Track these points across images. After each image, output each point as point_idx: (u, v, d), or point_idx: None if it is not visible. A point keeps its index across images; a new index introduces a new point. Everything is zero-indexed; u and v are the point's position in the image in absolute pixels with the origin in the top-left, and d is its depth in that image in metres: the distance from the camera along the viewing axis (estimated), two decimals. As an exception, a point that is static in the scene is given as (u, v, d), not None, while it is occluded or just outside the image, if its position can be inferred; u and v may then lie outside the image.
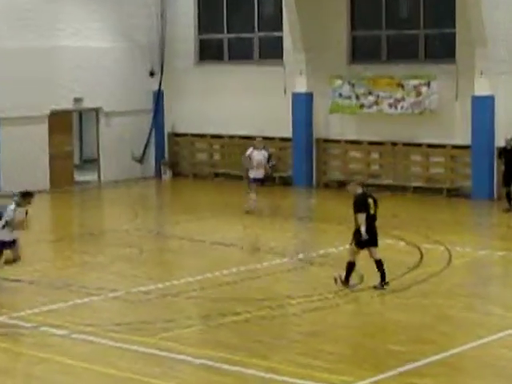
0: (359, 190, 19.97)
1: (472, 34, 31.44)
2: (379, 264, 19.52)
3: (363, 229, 19.38)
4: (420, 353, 15.34)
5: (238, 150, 35.67)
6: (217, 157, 39.19)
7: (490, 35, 31.27)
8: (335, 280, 19.52)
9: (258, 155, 30.12)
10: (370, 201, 19.78)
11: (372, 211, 19.73)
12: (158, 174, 38.95)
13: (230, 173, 37.53)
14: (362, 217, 19.52)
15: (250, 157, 29.96)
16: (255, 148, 30.21)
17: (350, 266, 19.59)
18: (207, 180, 38.17)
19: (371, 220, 19.63)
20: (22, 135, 34.01)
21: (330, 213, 30.89)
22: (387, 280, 19.35)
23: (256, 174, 30.02)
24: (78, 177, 37.28)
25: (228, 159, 38.25)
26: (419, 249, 23.87)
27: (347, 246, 21.56)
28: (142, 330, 17.08)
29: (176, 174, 39.07)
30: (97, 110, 37.04)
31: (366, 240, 19.56)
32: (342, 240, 23.97)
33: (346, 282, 19.44)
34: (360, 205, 19.65)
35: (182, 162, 39.58)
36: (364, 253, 19.65)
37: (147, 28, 38.56)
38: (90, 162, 39.10)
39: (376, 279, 19.98)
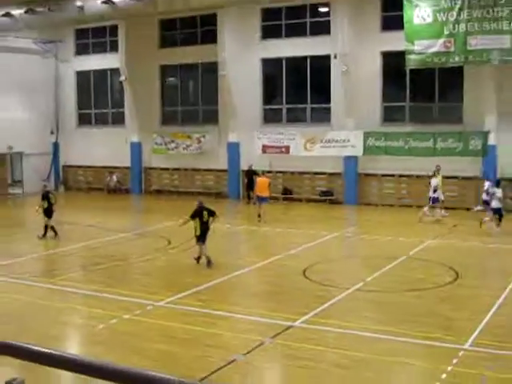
0: (199, 203, 18.89)
1: (227, 110, 34.25)
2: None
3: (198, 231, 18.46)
4: (197, 283, 16.15)
5: (102, 176, 38.52)
6: (90, 178, 39.97)
7: (236, 111, 34.08)
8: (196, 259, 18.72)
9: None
10: (205, 212, 18.57)
11: (204, 219, 18.45)
12: (56, 188, 39.50)
13: (91, 187, 39.12)
14: (196, 221, 18.50)
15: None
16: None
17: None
18: (83, 191, 39.22)
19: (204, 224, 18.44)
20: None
21: (153, 208, 32.14)
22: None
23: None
24: (11, 190, 38.34)
25: (94, 179, 39.37)
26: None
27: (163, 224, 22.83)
28: (48, 275, 17.78)
29: (67, 189, 40.49)
30: (21, 153, 37.93)
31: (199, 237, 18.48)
32: (157, 221, 25.91)
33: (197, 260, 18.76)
34: (195, 214, 18.58)
35: (70, 182, 40.84)
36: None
37: (49, 106, 39.56)
38: (18, 182, 38.97)
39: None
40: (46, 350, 3.23)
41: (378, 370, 10.59)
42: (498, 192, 24.12)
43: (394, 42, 29.23)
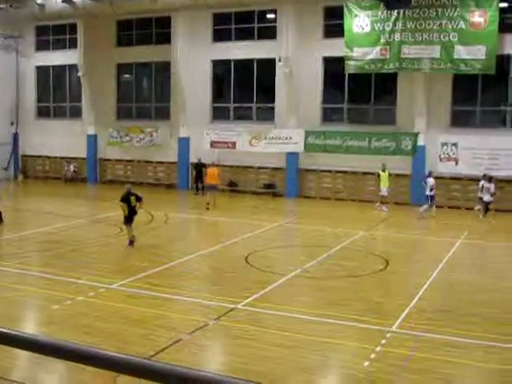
0: (127, 189, 18.96)
1: (179, 107, 34.06)
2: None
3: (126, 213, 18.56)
4: (148, 268, 16.26)
5: (60, 166, 38.42)
6: (48, 168, 39.66)
7: (187, 108, 33.98)
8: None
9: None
10: (132, 197, 18.74)
11: (132, 204, 18.69)
12: (16, 176, 39.81)
13: (49, 176, 38.56)
14: (123, 206, 18.75)
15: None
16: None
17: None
18: (41, 180, 38.78)
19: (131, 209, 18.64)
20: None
21: (107, 197, 30.42)
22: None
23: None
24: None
25: (51, 169, 39.09)
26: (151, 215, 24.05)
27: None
28: (4, 259, 17.18)
29: (25, 177, 39.81)
30: (-18, 144, 36.54)
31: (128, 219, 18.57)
32: (110, 209, 24.64)
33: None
34: (124, 199, 18.81)
35: (29, 171, 40.19)
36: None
37: (9, 98, 38.92)
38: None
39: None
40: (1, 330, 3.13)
41: (313, 349, 10.61)
42: (491, 187, 24.71)
43: (335, 48, 29.50)
